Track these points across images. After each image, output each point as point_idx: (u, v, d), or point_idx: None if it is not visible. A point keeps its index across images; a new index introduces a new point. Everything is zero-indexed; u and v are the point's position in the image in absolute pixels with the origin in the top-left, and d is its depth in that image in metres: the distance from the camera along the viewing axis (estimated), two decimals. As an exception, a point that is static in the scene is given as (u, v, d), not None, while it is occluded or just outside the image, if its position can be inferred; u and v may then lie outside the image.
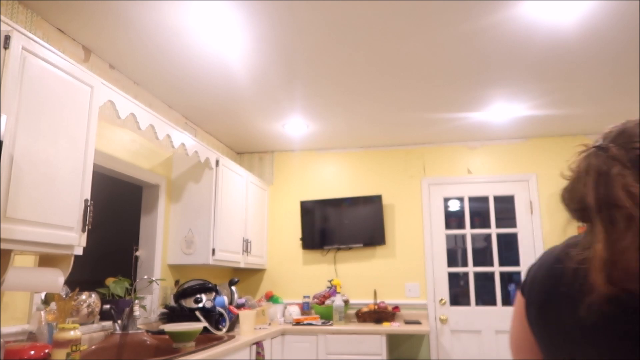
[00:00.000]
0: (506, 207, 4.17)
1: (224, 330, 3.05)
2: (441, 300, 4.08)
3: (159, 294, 3.16)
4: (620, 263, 0.65)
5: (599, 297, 0.65)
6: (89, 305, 2.34)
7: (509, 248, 4.11)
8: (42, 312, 1.98)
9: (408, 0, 2.09)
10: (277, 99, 3.28)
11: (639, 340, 0.63)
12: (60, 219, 1.77)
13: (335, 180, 4.48)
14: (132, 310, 2.52)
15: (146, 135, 3.11)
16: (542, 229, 4.03)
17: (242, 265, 3.76)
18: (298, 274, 4.37)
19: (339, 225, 4.27)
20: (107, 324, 2.51)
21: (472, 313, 4.03)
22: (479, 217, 4.21)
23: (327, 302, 3.99)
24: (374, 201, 4.23)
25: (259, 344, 3.03)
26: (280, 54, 2.60)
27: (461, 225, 4.21)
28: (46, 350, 1.77)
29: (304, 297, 4.13)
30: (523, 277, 0.97)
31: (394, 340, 4.07)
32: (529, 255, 4.03)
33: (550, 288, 0.76)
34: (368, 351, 3.47)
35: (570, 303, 0.71)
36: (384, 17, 2.23)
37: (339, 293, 3.95)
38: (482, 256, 4.14)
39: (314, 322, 3.75)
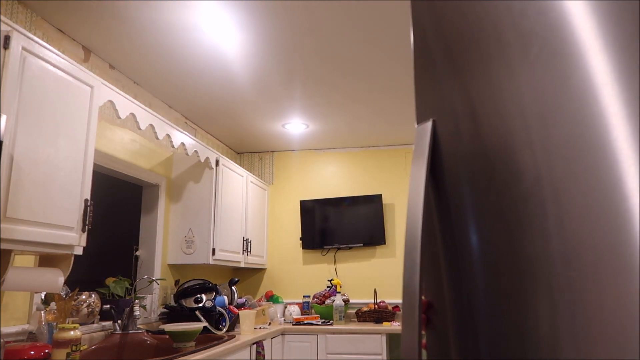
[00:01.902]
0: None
1: (224, 330, 3.05)
2: (441, 299, 4.08)
3: (159, 293, 3.16)
4: None
5: None
6: (89, 305, 2.34)
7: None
8: (42, 312, 1.98)
9: (407, 0, 2.09)
10: (277, 99, 3.28)
11: None
12: (60, 218, 1.77)
13: (335, 179, 4.48)
14: (132, 310, 2.52)
15: (146, 135, 3.11)
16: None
17: (242, 265, 3.76)
18: (298, 273, 4.37)
19: (338, 224, 4.27)
20: (107, 323, 2.51)
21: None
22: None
23: (327, 301, 3.99)
24: (374, 201, 4.23)
25: (259, 343, 3.04)
26: (280, 53, 2.60)
27: (461, 225, 4.21)
28: (46, 350, 1.77)
29: (304, 296, 4.13)
30: None
31: (394, 340, 4.07)
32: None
33: None
34: (368, 351, 3.48)
35: None
36: (384, 16, 2.23)
37: (339, 293, 3.95)
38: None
39: (314, 321, 3.75)
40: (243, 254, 3.76)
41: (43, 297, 2.10)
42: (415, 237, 0.65)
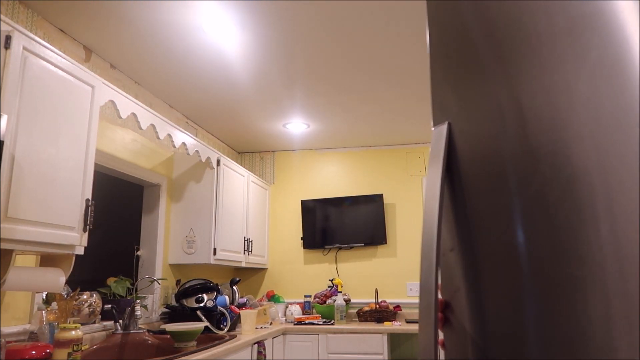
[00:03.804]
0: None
1: (226, 329, 3.05)
2: (442, 299, 4.07)
3: (160, 293, 3.16)
4: None
5: None
6: (90, 305, 2.34)
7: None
8: (43, 312, 1.98)
9: (409, 0, 2.09)
10: (278, 99, 3.28)
11: None
12: (62, 218, 1.77)
13: (336, 179, 4.47)
14: (133, 310, 2.52)
15: (147, 134, 3.11)
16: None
17: (243, 265, 3.76)
18: (299, 273, 4.37)
19: (340, 224, 4.27)
20: (109, 323, 2.52)
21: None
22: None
23: (329, 301, 3.99)
24: (375, 200, 4.23)
25: (260, 343, 3.03)
26: (281, 53, 2.60)
27: (462, 225, 4.20)
28: (47, 350, 1.77)
29: (305, 296, 4.13)
30: None
31: (395, 340, 4.07)
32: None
33: None
34: (369, 350, 3.47)
35: None
36: (385, 17, 2.22)
37: (340, 292, 3.95)
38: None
39: (315, 321, 3.75)
40: (244, 253, 3.76)
41: (44, 297, 2.10)
42: (431, 237, 0.64)
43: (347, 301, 4.02)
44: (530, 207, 0.59)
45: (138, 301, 2.57)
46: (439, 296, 0.72)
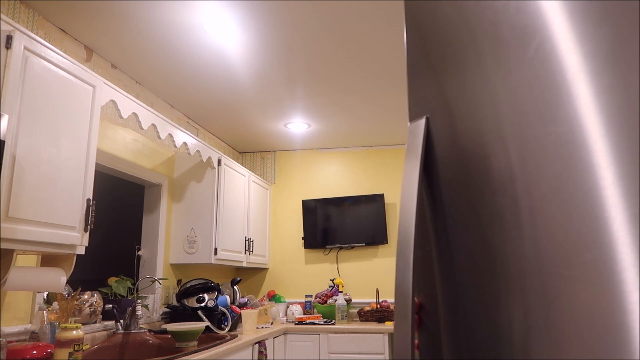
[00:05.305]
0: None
1: (227, 329, 3.05)
2: (443, 299, 4.07)
3: (162, 293, 3.16)
4: None
5: None
6: (91, 305, 2.34)
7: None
8: (45, 312, 1.98)
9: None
10: (279, 99, 3.27)
11: None
12: (63, 218, 1.77)
13: (337, 179, 4.47)
14: (134, 310, 2.52)
15: (148, 134, 3.11)
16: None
17: (244, 265, 3.76)
18: (300, 273, 4.37)
19: (341, 224, 4.27)
20: (110, 323, 2.52)
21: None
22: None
23: (330, 301, 3.99)
24: (376, 200, 4.23)
25: (261, 343, 3.03)
26: (282, 53, 2.60)
27: (463, 224, 4.20)
28: (48, 350, 1.77)
29: (306, 296, 4.13)
30: None
31: (396, 340, 4.06)
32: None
33: None
34: (370, 350, 3.47)
35: None
36: (386, 17, 2.22)
37: (341, 292, 3.94)
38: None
39: (316, 321, 3.75)
40: (245, 253, 3.76)
41: (45, 297, 2.10)
42: (408, 237, 0.63)
43: (348, 301, 4.02)
44: (462, 211, 0.59)
45: (139, 301, 2.58)
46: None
